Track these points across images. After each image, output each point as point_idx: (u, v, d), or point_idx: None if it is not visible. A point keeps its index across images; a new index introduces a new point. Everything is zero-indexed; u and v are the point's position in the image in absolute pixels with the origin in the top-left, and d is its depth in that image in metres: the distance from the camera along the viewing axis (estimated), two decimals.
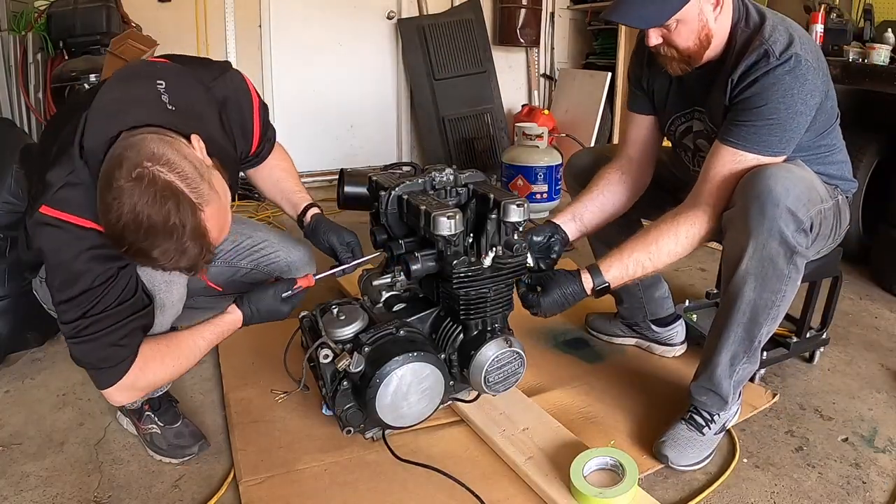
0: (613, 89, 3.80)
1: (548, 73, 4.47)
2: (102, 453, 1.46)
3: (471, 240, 1.33)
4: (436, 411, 1.38)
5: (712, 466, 1.40)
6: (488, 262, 1.31)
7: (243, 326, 1.33)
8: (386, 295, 1.45)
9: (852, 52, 2.48)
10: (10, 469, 1.40)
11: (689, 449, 1.38)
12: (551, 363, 1.81)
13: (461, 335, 1.37)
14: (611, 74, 3.80)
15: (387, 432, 1.43)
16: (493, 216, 1.30)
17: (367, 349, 1.29)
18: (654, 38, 1.33)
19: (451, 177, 1.40)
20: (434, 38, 3.99)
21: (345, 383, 1.31)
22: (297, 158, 1.60)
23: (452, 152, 4.04)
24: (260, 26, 3.76)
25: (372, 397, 1.26)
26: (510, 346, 1.35)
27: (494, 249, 1.31)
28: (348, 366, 1.26)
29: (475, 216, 1.37)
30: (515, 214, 1.28)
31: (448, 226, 1.23)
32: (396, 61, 4.18)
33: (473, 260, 1.31)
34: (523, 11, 4.12)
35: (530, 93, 4.47)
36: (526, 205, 1.30)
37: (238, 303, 1.33)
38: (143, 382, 1.22)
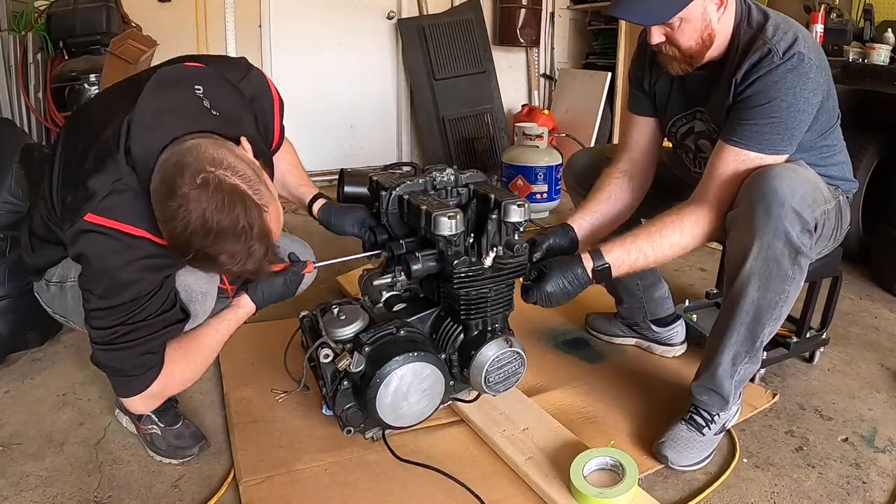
0: (613, 89, 3.80)
1: (548, 73, 4.47)
2: (102, 453, 1.46)
3: (471, 240, 1.33)
4: (436, 411, 1.38)
5: (712, 466, 1.40)
6: (489, 262, 1.31)
7: (256, 311, 1.35)
8: (386, 295, 1.44)
9: (852, 52, 2.48)
10: (10, 469, 1.40)
11: (689, 449, 1.38)
12: (551, 363, 1.81)
13: (461, 335, 1.37)
14: (611, 74, 3.80)
15: (387, 432, 1.43)
16: (494, 216, 1.30)
17: (367, 349, 1.29)
18: (656, 36, 1.32)
19: (452, 177, 1.40)
20: (434, 38, 3.99)
21: (345, 383, 1.31)
22: None
23: (452, 152, 4.04)
24: (260, 26, 3.76)
25: (372, 397, 1.26)
26: (510, 347, 1.35)
27: (495, 249, 1.31)
28: (348, 366, 1.26)
29: (476, 216, 1.37)
30: (516, 214, 1.28)
31: (449, 226, 1.23)
32: (396, 61, 4.18)
33: (474, 260, 1.31)
34: (523, 11, 4.12)
35: (530, 93, 4.47)
36: (526, 205, 1.30)
37: (247, 291, 1.33)
38: (171, 389, 1.23)
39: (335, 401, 1.33)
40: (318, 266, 1.41)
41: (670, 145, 1.63)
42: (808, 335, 1.75)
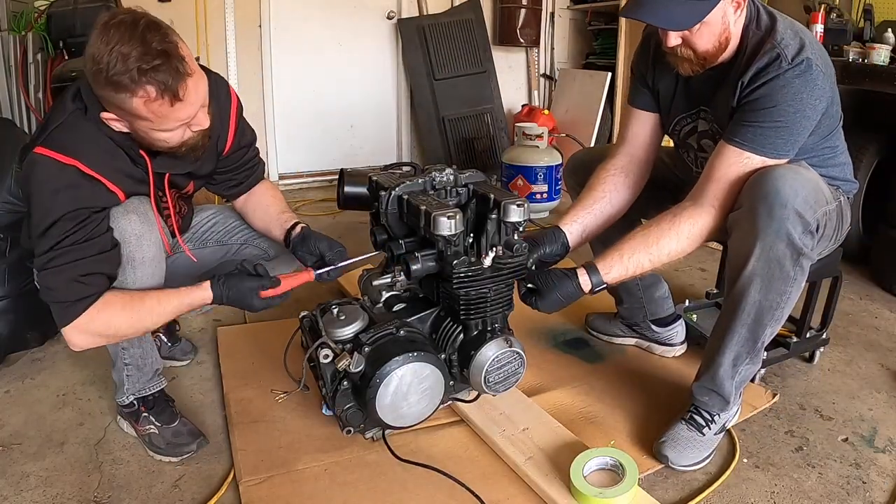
0: (613, 89, 3.80)
1: (548, 73, 4.47)
2: (102, 453, 1.46)
3: (471, 240, 1.33)
4: (436, 411, 1.38)
5: (712, 466, 1.40)
6: (488, 262, 1.31)
7: (211, 305, 1.34)
8: (386, 295, 1.44)
9: (852, 52, 2.48)
10: (10, 469, 1.40)
11: (689, 449, 1.38)
12: (551, 363, 1.81)
13: (461, 335, 1.37)
14: (611, 74, 3.80)
15: (387, 432, 1.43)
16: (494, 216, 1.30)
17: (367, 349, 1.29)
18: (673, 39, 1.30)
19: (452, 177, 1.40)
20: (434, 38, 3.99)
21: (345, 383, 1.31)
22: (297, 158, 1.60)
23: (452, 152, 4.04)
24: (260, 26, 3.76)
25: (372, 397, 1.26)
26: (510, 346, 1.35)
27: (494, 249, 1.31)
28: (348, 366, 1.26)
29: (475, 216, 1.37)
30: (515, 214, 1.28)
31: (448, 226, 1.23)
32: (396, 61, 4.18)
33: (473, 260, 1.31)
34: (523, 11, 4.12)
35: (530, 93, 4.47)
36: (526, 205, 1.30)
37: (213, 281, 1.32)
38: (99, 325, 1.23)
39: (335, 401, 1.33)
40: (319, 273, 1.39)
41: (671, 144, 1.63)
42: (808, 335, 1.75)
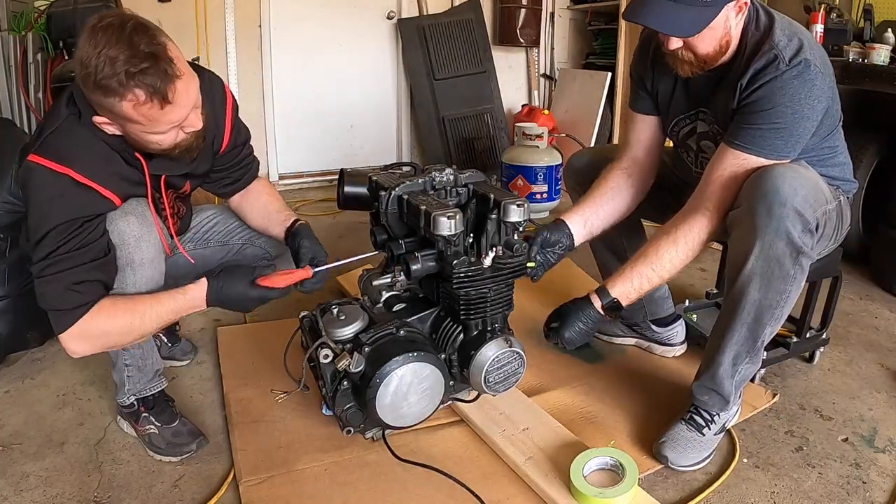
0: (613, 89, 3.80)
1: (548, 73, 4.47)
2: (102, 453, 1.46)
3: (471, 240, 1.33)
4: (436, 411, 1.38)
5: (712, 466, 1.40)
6: (488, 262, 1.31)
7: (208, 305, 1.31)
8: (386, 295, 1.44)
9: (852, 52, 2.48)
10: (10, 469, 1.40)
11: (689, 449, 1.38)
12: (551, 363, 1.81)
13: (461, 335, 1.37)
14: (611, 74, 3.80)
15: (387, 432, 1.43)
16: (494, 216, 1.30)
17: (367, 349, 1.29)
18: (674, 42, 1.30)
19: (452, 177, 1.40)
20: (434, 38, 3.99)
21: (345, 383, 1.31)
22: (297, 158, 1.60)
23: (452, 152, 4.03)
24: (260, 26, 3.76)
25: (372, 397, 1.26)
26: (510, 346, 1.35)
27: (494, 249, 1.31)
28: (348, 366, 1.26)
29: (475, 216, 1.37)
30: (515, 214, 1.28)
31: (448, 226, 1.23)
32: (396, 61, 4.18)
33: (473, 260, 1.31)
34: (523, 11, 4.12)
35: (530, 93, 4.47)
36: (526, 205, 1.30)
37: (209, 277, 1.31)
38: (96, 332, 1.22)
39: (335, 401, 1.33)
40: (317, 271, 1.39)
41: (671, 144, 1.63)
42: (808, 335, 1.75)
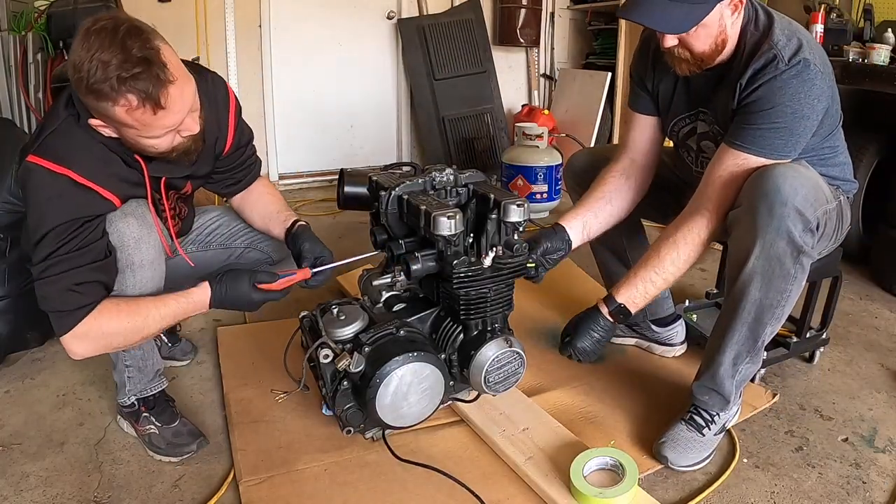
0: (613, 89, 3.80)
1: (548, 73, 4.47)
2: (102, 453, 1.46)
3: (471, 240, 1.33)
4: (436, 411, 1.38)
5: (712, 466, 1.40)
6: (488, 262, 1.31)
7: (211, 307, 1.31)
8: (386, 295, 1.44)
9: (852, 52, 2.48)
10: (10, 469, 1.40)
11: (689, 450, 1.38)
12: (551, 363, 1.81)
13: (461, 335, 1.37)
14: (611, 74, 3.80)
15: (387, 432, 1.43)
16: (494, 216, 1.30)
17: (367, 349, 1.29)
18: (670, 40, 1.31)
19: (452, 177, 1.40)
20: (434, 38, 3.99)
21: (345, 383, 1.31)
22: (297, 158, 1.60)
23: (452, 152, 4.03)
24: (260, 26, 3.76)
25: (372, 397, 1.26)
26: (510, 346, 1.35)
27: (494, 249, 1.31)
28: (348, 366, 1.26)
29: (475, 216, 1.37)
30: (515, 214, 1.28)
31: (448, 226, 1.23)
32: (396, 61, 4.18)
33: (473, 260, 1.31)
34: (523, 11, 4.12)
35: (530, 93, 4.47)
36: (526, 205, 1.30)
37: (211, 281, 1.31)
38: (96, 332, 1.21)
39: (335, 401, 1.33)
40: (315, 271, 1.39)
41: (671, 144, 1.63)
42: (808, 335, 1.75)
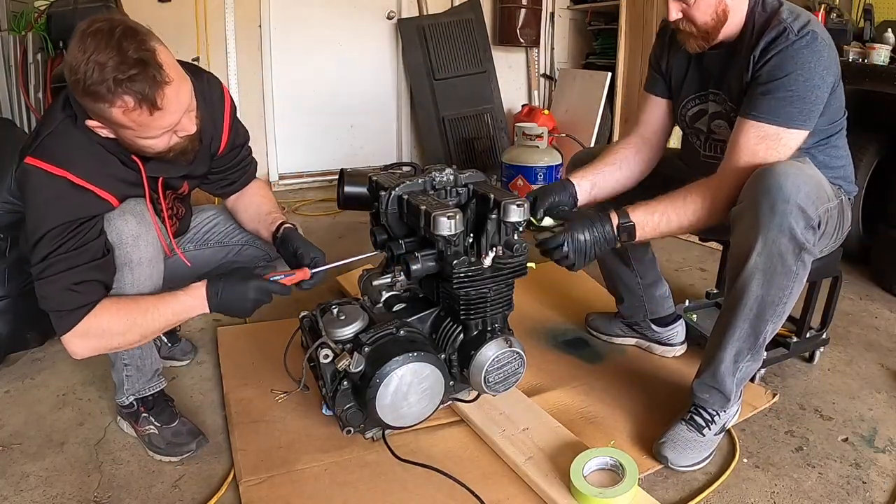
0: (613, 89, 3.80)
1: (548, 73, 4.47)
2: (102, 453, 1.46)
3: (471, 240, 1.33)
4: (436, 411, 1.38)
5: (712, 466, 1.40)
6: (488, 262, 1.31)
7: (210, 310, 1.30)
8: (386, 295, 1.44)
9: (852, 52, 2.48)
10: (10, 469, 1.40)
11: (689, 450, 1.38)
12: (551, 363, 1.81)
13: (461, 335, 1.37)
14: (611, 74, 3.80)
15: (387, 432, 1.43)
16: (494, 216, 1.30)
17: (367, 349, 1.29)
18: (674, 11, 1.38)
19: (451, 177, 1.40)
20: (434, 38, 3.99)
21: (345, 383, 1.31)
22: (297, 158, 1.60)
23: (452, 152, 4.04)
24: (260, 26, 3.76)
25: (372, 397, 1.26)
26: (510, 346, 1.35)
27: (494, 249, 1.31)
28: (348, 366, 1.26)
29: (475, 216, 1.37)
30: (515, 214, 1.28)
31: (448, 226, 1.23)
32: (396, 61, 4.18)
33: (473, 260, 1.31)
34: (523, 11, 4.12)
35: (530, 93, 4.48)
36: (526, 205, 1.30)
37: (209, 281, 1.30)
38: (96, 331, 1.22)
39: (335, 401, 1.33)
40: (315, 272, 1.38)
41: (676, 147, 1.65)
42: (808, 335, 1.75)
